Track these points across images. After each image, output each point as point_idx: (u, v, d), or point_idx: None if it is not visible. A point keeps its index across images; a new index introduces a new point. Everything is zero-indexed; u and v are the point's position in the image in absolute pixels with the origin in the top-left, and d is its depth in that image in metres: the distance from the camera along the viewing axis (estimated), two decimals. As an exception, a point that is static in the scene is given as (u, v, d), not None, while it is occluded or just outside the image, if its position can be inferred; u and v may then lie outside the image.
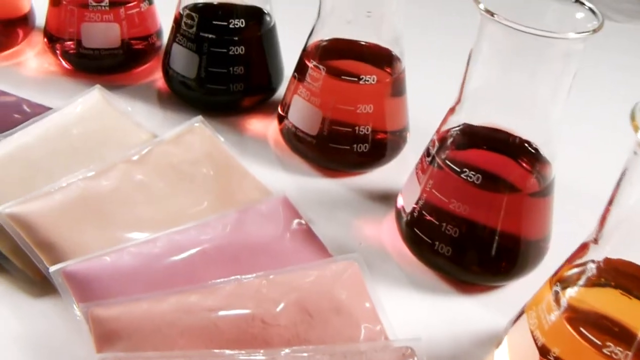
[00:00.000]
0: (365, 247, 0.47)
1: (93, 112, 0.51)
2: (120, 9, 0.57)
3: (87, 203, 0.44)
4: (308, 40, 0.52)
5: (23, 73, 0.60)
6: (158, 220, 0.44)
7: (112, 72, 0.60)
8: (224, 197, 0.47)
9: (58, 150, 0.47)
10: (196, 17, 0.53)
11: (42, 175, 0.46)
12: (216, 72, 0.54)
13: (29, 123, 0.49)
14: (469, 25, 0.42)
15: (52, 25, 0.59)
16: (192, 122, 0.51)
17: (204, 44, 0.54)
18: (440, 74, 0.65)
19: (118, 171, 0.46)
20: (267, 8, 0.56)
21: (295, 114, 0.51)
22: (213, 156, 0.49)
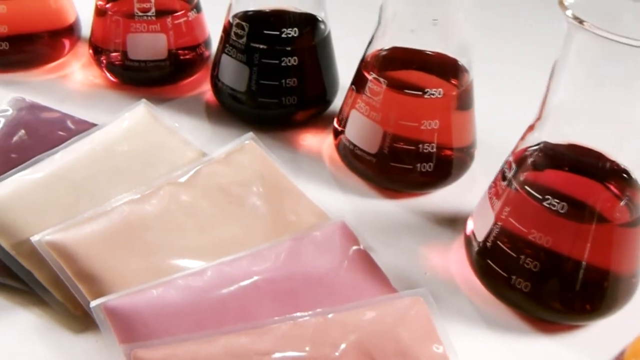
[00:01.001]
0: (430, 278, 0.43)
1: (139, 129, 0.48)
2: (167, 19, 0.54)
3: (131, 229, 0.40)
4: (367, 50, 0.48)
5: (68, 86, 0.57)
6: (206, 248, 0.41)
7: (158, 84, 0.57)
8: (277, 222, 0.43)
9: (102, 171, 0.44)
10: (246, 26, 0.50)
11: (85, 198, 0.43)
12: (268, 84, 0.51)
13: (72, 141, 0.46)
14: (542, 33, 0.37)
15: (97, 36, 0.56)
16: (243, 140, 0.47)
17: (254, 54, 0.50)
18: (511, 86, 0.61)
19: (164, 194, 0.43)
20: (321, 15, 0.52)
21: (353, 130, 0.47)
22: (265, 177, 0.46)
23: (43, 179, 0.43)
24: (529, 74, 0.61)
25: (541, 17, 0.72)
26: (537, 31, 0.71)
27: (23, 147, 0.46)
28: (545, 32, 0.41)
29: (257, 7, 0.52)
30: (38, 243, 0.39)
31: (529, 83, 0.58)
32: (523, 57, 0.66)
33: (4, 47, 0.55)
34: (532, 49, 0.65)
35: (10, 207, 0.41)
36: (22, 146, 0.47)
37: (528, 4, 0.77)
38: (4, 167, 0.45)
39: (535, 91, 0.39)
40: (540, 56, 0.39)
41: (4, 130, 0.47)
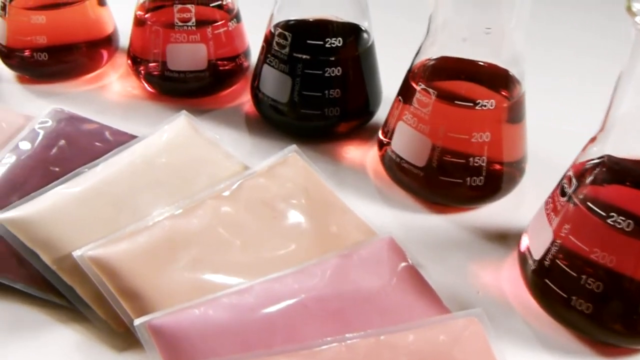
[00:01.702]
0: (483, 297, 0.41)
1: (179, 141, 0.47)
2: (207, 29, 0.53)
3: (174, 245, 0.39)
4: (414, 60, 0.46)
5: (106, 97, 0.57)
6: (250, 265, 0.40)
7: (197, 95, 0.56)
8: (322, 237, 0.42)
9: (143, 184, 0.43)
10: (289, 36, 0.49)
11: (126, 212, 0.42)
12: (310, 95, 0.49)
13: (112, 154, 0.46)
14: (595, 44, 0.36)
15: (136, 46, 0.55)
16: (286, 152, 0.46)
17: (297, 65, 0.49)
18: (561, 98, 0.59)
19: (207, 208, 0.42)
20: (365, 25, 0.51)
21: (399, 142, 0.46)
22: (309, 190, 0.44)
23: (84, 193, 0.42)
24: (580, 85, 0.60)
25: (594, 28, 0.70)
26: (590, 42, 0.69)
27: (62, 159, 0.46)
28: (599, 42, 0.39)
29: (300, 17, 0.51)
30: (80, 258, 0.38)
31: (578, 95, 0.57)
32: (573, 68, 0.64)
33: (43, 57, 0.55)
34: (582, 60, 0.64)
35: (51, 221, 0.40)
36: (61, 158, 0.46)
37: (580, 14, 0.75)
38: (43, 179, 0.44)
39: (586, 103, 0.38)
40: (591, 68, 0.37)
41: (44, 142, 0.46)
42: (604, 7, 0.69)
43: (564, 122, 0.54)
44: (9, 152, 0.46)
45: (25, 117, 0.50)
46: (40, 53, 0.55)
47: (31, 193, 0.42)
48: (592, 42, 0.68)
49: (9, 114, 0.50)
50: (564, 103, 0.59)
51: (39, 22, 0.54)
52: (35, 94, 0.56)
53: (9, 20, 0.54)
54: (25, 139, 0.47)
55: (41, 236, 0.39)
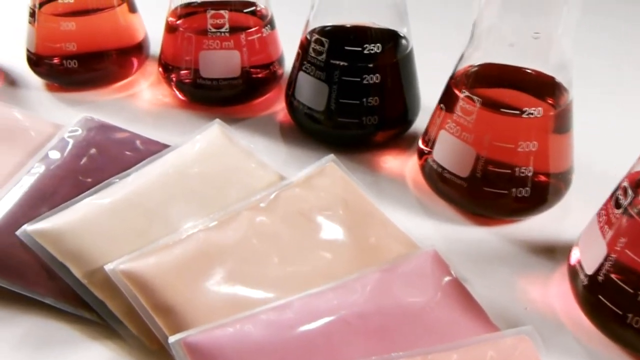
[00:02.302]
0: (531, 313, 0.39)
1: (213, 151, 0.45)
2: (241, 35, 0.51)
3: (209, 258, 0.38)
4: (457, 67, 0.44)
5: (136, 105, 0.55)
6: (288, 279, 0.38)
7: (229, 103, 0.54)
8: (362, 250, 0.40)
9: (176, 195, 0.42)
10: (326, 42, 0.47)
11: (159, 224, 0.40)
12: (348, 103, 0.48)
13: (144, 163, 0.44)
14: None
15: (168, 53, 0.54)
16: (323, 162, 0.44)
17: (334, 72, 0.47)
18: (609, 105, 0.57)
19: (243, 220, 0.40)
20: (403, 31, 0.49)
21: (441, 151, 0.44)
22: (348, 202, 0.43)
23: (115, 204, 0.41)
24: (628, 93, 0.58)
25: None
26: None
27: (93, 169, 0.44)
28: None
29: (336, 23, 0.49)
30: (112, 272, 0.36)
31: (626, 103, 0.55)
32: (621, 76, 0.62)
33: (73, 65, 0.54)
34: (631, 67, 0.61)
35: (81, 233, 0.39)
36: (91, 168, 0.44)
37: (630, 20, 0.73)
38: (73, 190, 0.42)
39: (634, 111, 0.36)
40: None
41: (73, 151, 0.45)
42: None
43: (610, 131, 0.52)
44: (38, 161, 0.44)
45: (55, 125, 0.49)
46: (69, 60, 0.54)
47: (61, 204, 0.41)
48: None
49: (37, 122, 0.49)
50: (611, 111, 0.57)
51: (69, 29, 0.53)
52: (64, 102, 0.55)
53: (38, 27, 0.53)
54: (55, 148, 0.45)
55: (71, 249, 0.38)
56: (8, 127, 0.48)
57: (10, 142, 0.46)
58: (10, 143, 0.46)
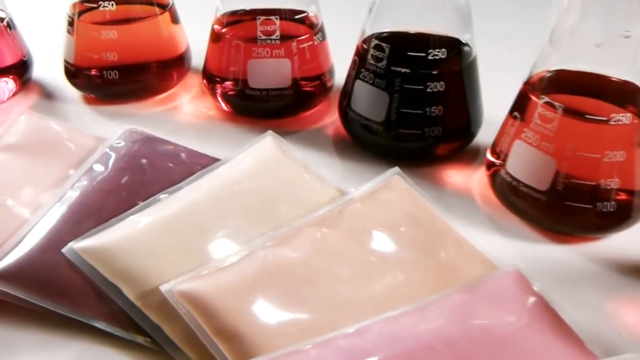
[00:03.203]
0: (628, 339, 0.35)
1: (267, 164, 0.42)
2: (292, 43, 0.48)
3: (273, 279, 0.34)
4: (532, 71, 0.41)
5: (179, 118, 0.53)
6: (361, 301, 0.35)
7: (277, 116, 0.51)
8: (437, 270, 0.37)
9: (231, 210, 0.39)
10: (387, 47, 0.44)
11: (215, 241, 0.37)
12: (410, 113, 0.45)
13: (194, 178, 0.41)
14: None
15: (213, 63, 0.51)
16: (388, 175, 0.41)
17: (395, 79, 0.44)
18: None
19: (306, 237, 0.37)
20: (465, 38, 0.46)
21: (516, 163, 0.41)
22: (417, 218, 0.39)
23: (167, 220, 0.37)
24: None
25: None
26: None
27: (139, 183, 0.41)
28: None
29: (395, 29, 0.46)
30: (169, 293, 0.33)
31: None
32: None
33: (113, 76, 0.51)
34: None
35: (133, 251, 0.36)
36: (138, 182, 0.41)
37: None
38: (120, 205, 0.39)
39: None
40: None
41: (119, 164, 0.42)
42: None
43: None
44: (82, 175, 0.41)
45: (96, 138, 0.46)
46: (110, 71, 0.51)
47: (108, 220, 0.38)
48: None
49: (78, 135, 0.46)
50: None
51: (110, 38, 0.50)
52: (103, 115, 0.52)
53: (77, 36, 0.51)
54: (99, 162, 0.42)
55: (123, 268, 0.35)
56: (48, 140, 0.45)
57: (50, 156, 0.44)
58: (50, 156, 0.44)
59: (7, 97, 0.52)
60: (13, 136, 0.45)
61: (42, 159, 0.43)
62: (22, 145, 0.44)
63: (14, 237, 0.37)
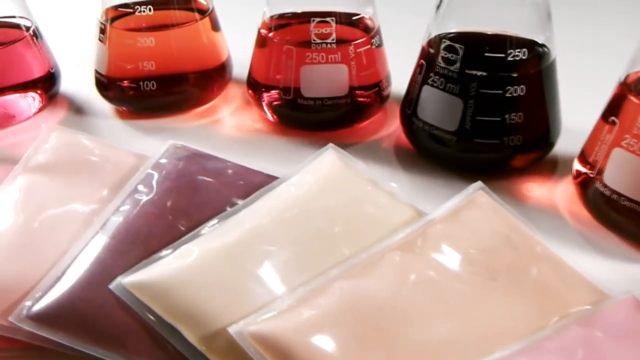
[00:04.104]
0: None
1: (333, 181, 0.38)
2: (349, 47, 0.44)
3: (357, 316, 0.30)
4: (629, 70, 0.36)
5: (222, 132, 0.48)
6: (460, 340, 0.30)
7: (331, 127, 0.47)
8: (539, 299, 0.32)
9: (299, 235, 0.34)
10: (460, 49, 0.39)
11: (286, 271, 0.33)
12: (487, 121, 0.40)
13: (253, 198, 0.36)
14: None
15: (259, 71, 0.47)
16: (470, 191, 0.36)
17: (471, 84, 0.39)
18: None
19: (388, 265, 0.32)
20: (541, 39, 0.41)
21: (616, 174, 0.36)
22: (510, 238, 0.34)
23: (228, 249, 0.33)
24: None
25: None
26: None
27: (190, 206, 0.37)
28: None
29: (463, 29, 0.42)
30: (239, 335, 0.28)
31: None
32: None
33: (151, 87, 0.46)
34: None
35: (193, 285, 0.31)
36: (188, 204, 0.37)
37: None
38: (170, 230, 0.35)
39: None
40: None
41: (166, 184, 0.38)
42: None
43: None
44: (125, 198, 0.37)
45: (136, 155, 0.41)
46: (147, 82, 0.46)
47: (159, 248, 0.33)
48: None
49: (115, 153, 0.41)
50: None
51: (147, 45, 0.45)
52: (139, 130, 0.48)
53: (110, 44, 0.46)
54: (143, 183, 0.38)
55: (181, 306, 0.30)
56: (82, 159, 0.40)
57: (86, 176, 0.39)
58: (86, 177, 0.39)
59: (34, 112, 0.48)
60: (43, 155, 0.40)
61: (77, 180, 0.39)
62: (53, 165, 0.40)
63: (52, 272, 0.32)
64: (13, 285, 0.32)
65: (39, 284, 0.32)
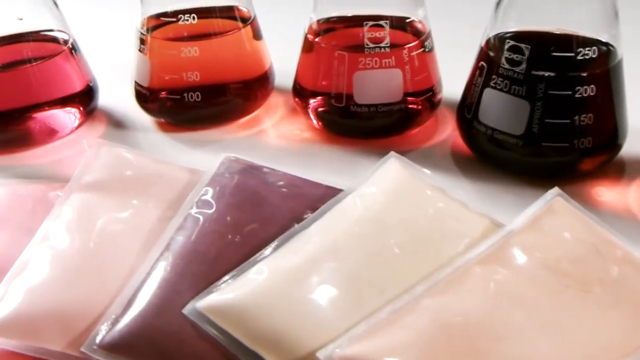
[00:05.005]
0: None
1: (402, 192, 0.36)
2: (403, 51, 0.42)
3: (450, 335, 0.28)
4: None
5: (270, 143, 0.46)
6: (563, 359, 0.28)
7: (383, 135, 0.45)
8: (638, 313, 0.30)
9: (377, 250, 0.32)
10: (526, 49, 0.38)
11: (364, 289, 0.31)
12: (556, 123, 0.38)
13: (320, 213, 0.35)
14: None
15: (306, 78, 0.45)
16: (548, 198, 0.35)
17: (538, 85, 0.38)
18: None
19: (475, 280, 0.30)
20: (606, 37, 0.39)
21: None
22: (597, 246, 0.33)
23: (305, 267, 0.31)
24: None
25: None
26: None
27: (255, 222, 0.35)
28: None
29: (522, 28, 0.40)
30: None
31: None
32: None
33: (195, 98, 0.45)
34: None
35: (272, 308, 0.29)
36: (253, 220, 0.36)
37: None
38: (237, 250, 0.34)
39: None
40: None
41: (226, 201, 0.36)
42: None
43: None
44: (186, 215, 0.35)
45: (189, 170, 0.40)
46: (192, 93, 0.45)
47: (229, 269, 0.32)
48: None
49: (169, 168, 0.40)
50: None
51: (192, 56, 0.44)
52: (183, 143, 0.46)
53: (152, 55, 0.44)
54: (202, 199, 0.36)
55: (263, 330, 0.29)
56: (135, 175, 0.39)
57: (142, 194, 0.37)
58: (142, 194, 0.37)
59: (73, 128, 0.46)
60: (95, 173, 0.38)
61: (131, 197, 0.37)
62: (106, 183, 0.38)
63: (120, 297, 0.31)
64: (79, 312, 0.30)
65: (107, 310, 0.30)
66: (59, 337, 0.29)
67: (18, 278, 0.31)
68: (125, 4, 0.48)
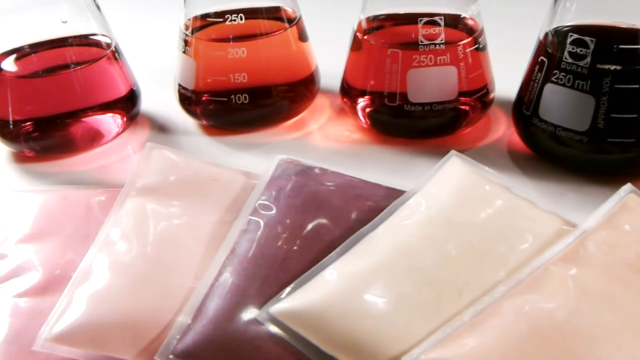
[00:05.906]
0: None
1: (468, 191, 0.35)
2: (457, 47, 0.41)
3: (537, 335, 0.27)
4: None
5: (318, 145, 0.45)
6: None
7: (435, 134, 0.44)
8: None
9: (451, 251, 0.31)
10: (591, 42, 0.37)
11: (442, 291, 0.29)
12: (623, 119, 0.37)
13: (385, 214, 0.34)
14: None
15: (355, 77, 0.44)
16: (621, 195, 0.33)
17: (603, 79, 0.37)
18: None
19: (556, 280, 0.29)
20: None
21: None
22: (677, 244, 0.31)
23: (378, 270, 0.31)
24: None
25: None
26: None
27: (317, 224, 0.34)
28: None
29: (579, 22, 0.39)
30: (417, 367, 0.25)
31: None
32: None
33: (243, 100, 0.44)
34: None
35: (349, 312, 0.28)
36: (316, 222, 0.35)
37: None
38: (303, 252, 0.33)
39: None
40: None
41: (287, 203, 0.35)
42: None
43: None
44: (248, 219, 0.34)
45: (245, 173, 0.39)
46: (239, 95, 0.43)
47: (298, 273, 0.30)
48: None
49: (223, 171, 0.39)
50: None
51: (239, 57, 0.43)
52: (230, 146, 0.45)
53: (197, 57, 0.44)
54: (262, 201, 0.35)
55: (342, 335, 0.28)
56: (191, 179, 0.38)
57: (198, 197, 0.36)
58: (199, 198, 0.36)
59: (116, 133, 0.45)
60: (148, 177, 0.37)
61: (188, 201, 0.36)
62: (161, 187, 0.37)
63: (189, 303, 0.30)
64: (147, 320, 0.29)
65: (175, 317, 0.29)
66: (129, 345, 0.28)
67: (82, 286, 0.30)
68: (161, 8, 0.47)
